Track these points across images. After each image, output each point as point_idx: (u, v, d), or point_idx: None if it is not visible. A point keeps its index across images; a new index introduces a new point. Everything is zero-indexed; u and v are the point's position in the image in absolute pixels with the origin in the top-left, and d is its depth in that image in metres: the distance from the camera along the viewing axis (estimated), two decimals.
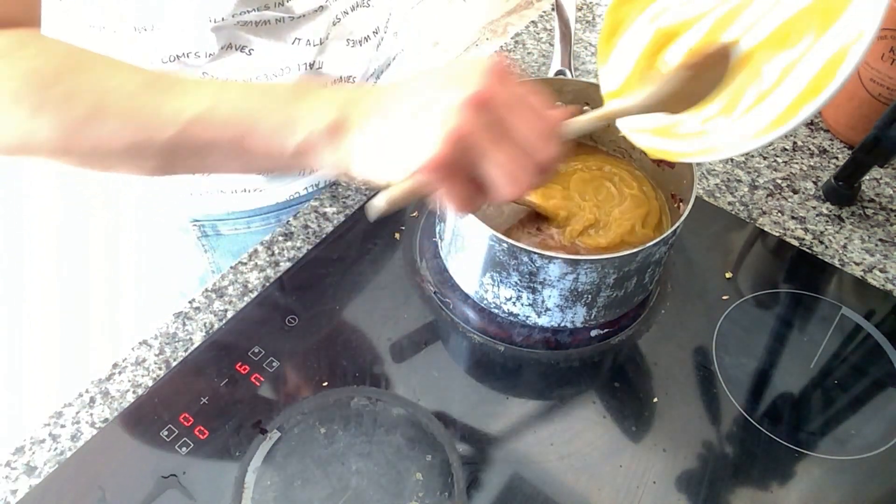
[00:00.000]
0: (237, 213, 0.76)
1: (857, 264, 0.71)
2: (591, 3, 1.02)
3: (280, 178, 0.75)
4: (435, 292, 0.66)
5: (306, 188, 0.77)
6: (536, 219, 0.65)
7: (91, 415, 0.57)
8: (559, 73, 0.71)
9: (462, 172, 0.41)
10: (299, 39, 0.64)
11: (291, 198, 0.77)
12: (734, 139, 0.44)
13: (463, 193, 0.42)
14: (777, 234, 0.74)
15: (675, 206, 0.65)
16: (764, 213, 0.76)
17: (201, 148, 0.45)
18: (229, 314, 0.64)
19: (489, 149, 0.40)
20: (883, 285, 0.70)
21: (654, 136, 0.49)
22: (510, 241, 0.55)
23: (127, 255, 1.74)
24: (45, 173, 1.95)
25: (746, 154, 0.82)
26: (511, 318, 0.62)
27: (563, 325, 0.62)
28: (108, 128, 0.44)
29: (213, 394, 0.58)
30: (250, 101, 0.45)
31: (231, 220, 0.77)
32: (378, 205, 0.41)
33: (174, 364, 0.60)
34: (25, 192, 1.93)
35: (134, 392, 0.59)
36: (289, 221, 0.71)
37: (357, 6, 0.67)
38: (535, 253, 0.55)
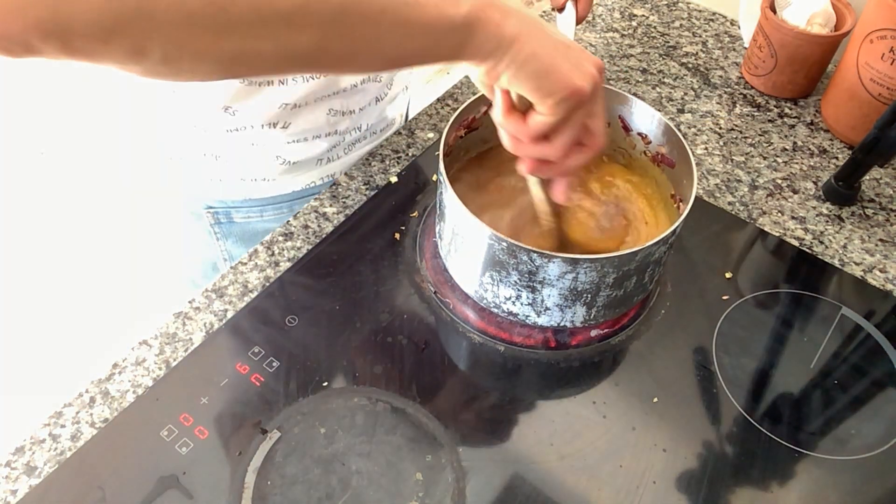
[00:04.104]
0: (253, 200, 0.77)
1: (857, 264, 0.71)
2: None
3: (297, 170, 0.76)
4: (435, 292, 0.66)
5: (322, 178, 0.78)
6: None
7: (91, 415, 0.57)
8: None
9: (580, 116, 0.49)
10: None
11: (307, 187, 0.77)
12: None
13: (572, 137, 0.50)
14: (777, 234, 0.74)
15: (675, 206, 0.65)
16: (764, 213, 0.76)
17: (369, 15, 0.41)
18: (229, 314, 0.64)
19: (599, 109, 0.50)
20: (883, 285, 0.70)
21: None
22: (509, 239, 0.55)
23: (136, 243, 1.75)
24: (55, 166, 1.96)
25: (746, 154, 0.82)
26: (511, 317, 0.62)
27: (562, 324, 0.61)
28: None
29: (213, 394, 0.58)
30: None
31: (245, 208, 0.78)
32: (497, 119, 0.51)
33: (174, 364, 0.60)
34: (29, 187, 1.93)
35: (134, 392, 0.59)
36: (289, 221, 0.71)
37: None
38: (534, 252, 0.55)
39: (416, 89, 0.91)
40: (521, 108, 0.50)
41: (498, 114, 0.51)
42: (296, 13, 0.38)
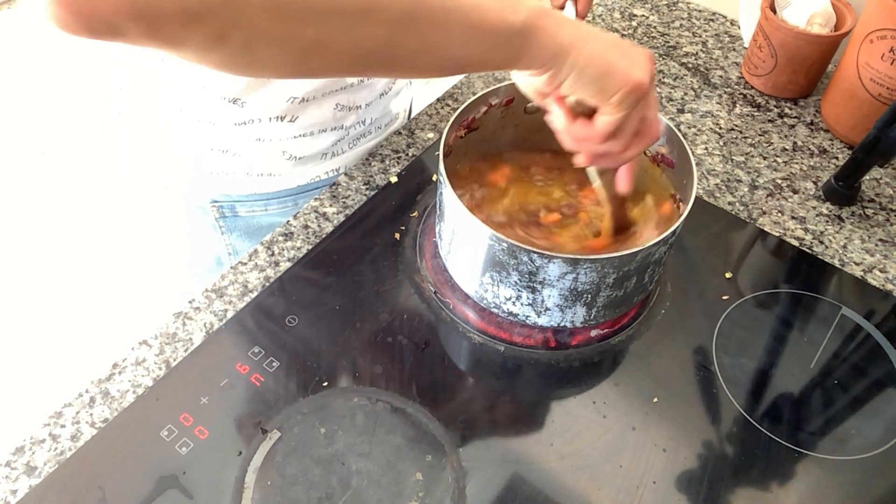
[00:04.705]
0: (258, 194, 0.77)
1: (857, 264, 0.71)
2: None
3: (305, 164, 0.76)
4: (435, 292, 0.66)
5: (327, 172, 0.78)
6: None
7: (91, 415, 0.57)
8: None
9: (640, 108, 0.51)
10: None
11: (311, 181, 0.78)
12: None
13: (634, 129, 0.52)
14: (777, 234, 0.74)
15: (675, 206, 0.65)
16: (764, 213, 0.76)
17: (436, 14, 0.43)
18: (229, 314, 0.64)
19: (653, 98, 0.52)
20: (883, 285, 0.70)
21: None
22: (510, 240, 0.55)
23: (140, 239, 1.75)
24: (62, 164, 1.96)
25: (746, 154, 0.82)
26: (511, 317, 0.62)
27: (562, 324, 0.62)
28: None
29: (213, 394, 0.58)
30: None
31: (250, 202, 0.78)
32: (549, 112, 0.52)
33: (174, 364, 0.60)
34: (32, 185, 1.93)
35: (134, 392, 0.59)
36: (289, 221, 0.71)
37: None
38: (534, 252, 0.55)
39: (417, 88, 0.91)
40: (580, 112, 0.52)
41: (560, 123, 0.52)
42: (368, 8, 0.40)
